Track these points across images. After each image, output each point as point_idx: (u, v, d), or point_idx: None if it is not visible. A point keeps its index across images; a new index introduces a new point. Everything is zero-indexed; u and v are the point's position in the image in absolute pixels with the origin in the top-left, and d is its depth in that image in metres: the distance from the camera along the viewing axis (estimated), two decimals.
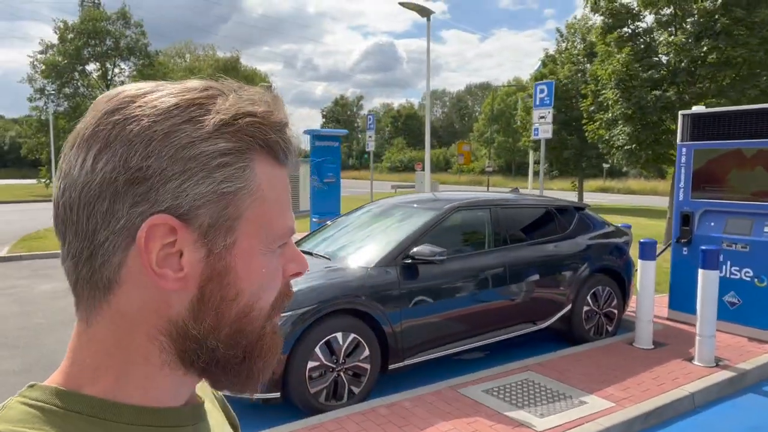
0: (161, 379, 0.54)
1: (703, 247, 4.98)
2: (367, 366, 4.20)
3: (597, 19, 14.05)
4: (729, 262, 5.78)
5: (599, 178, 45.41)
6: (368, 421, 3.81)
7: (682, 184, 6.21)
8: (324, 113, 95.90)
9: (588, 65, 21.41)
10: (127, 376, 0.53)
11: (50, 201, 0.56)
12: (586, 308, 5.62)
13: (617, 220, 7.52)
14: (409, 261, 4.49)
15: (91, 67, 33.46)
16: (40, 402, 0.50)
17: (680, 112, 6.24)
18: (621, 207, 25.61)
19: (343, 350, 4.08)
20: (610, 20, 13.30)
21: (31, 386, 0.52)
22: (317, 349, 3.97)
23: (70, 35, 31.95)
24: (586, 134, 16.03)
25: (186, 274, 0.51)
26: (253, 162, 0.52)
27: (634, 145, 13.28)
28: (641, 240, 5.46)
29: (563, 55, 25.21)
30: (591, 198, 30.76)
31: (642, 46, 12.93)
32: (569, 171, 27.45)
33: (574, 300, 5.51)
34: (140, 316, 0.52)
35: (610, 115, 13.67)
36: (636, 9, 13.13)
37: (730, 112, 5.86)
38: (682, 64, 11.89)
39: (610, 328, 5.83)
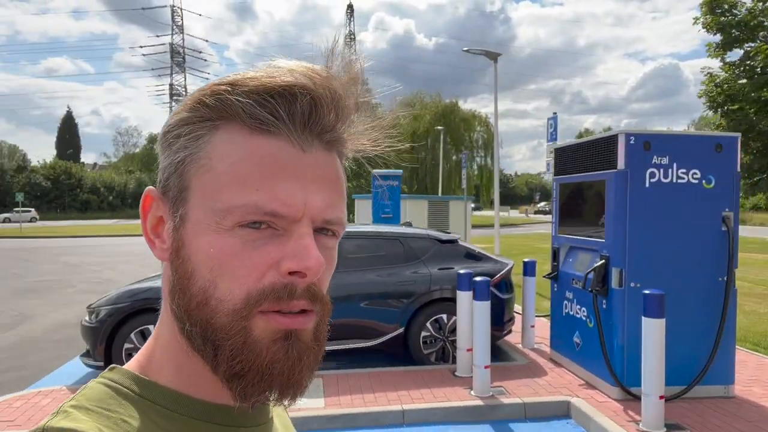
0: (202, 369, 0.52)
1: (462, 272, 5.11)
2: None
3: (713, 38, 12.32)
4: (575, 301, 5.49)
5: None
6: None
7: (553, 219, 6.03)
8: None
9: None
10: (180, 366, 0.53)
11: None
12: (424, 333, 6.00)
13: None
14: None
15: None
16: (117, 384, 0.52)
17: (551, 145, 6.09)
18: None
19: None
20: (723, 36, 11.65)
21: (111, 369, 0.54)
22: None
23: None
24: None
25: (168, 246, 0.53)
26: (214, 130, 0.50)
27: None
28: (460, 272, 5.65)
29: None
30: None
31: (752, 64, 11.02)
32: None
33: (407, 324, 5.97)
34: (166, 294, 0.54)
35: None
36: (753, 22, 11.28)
37: (580, 143, 5.61)
38: None
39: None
